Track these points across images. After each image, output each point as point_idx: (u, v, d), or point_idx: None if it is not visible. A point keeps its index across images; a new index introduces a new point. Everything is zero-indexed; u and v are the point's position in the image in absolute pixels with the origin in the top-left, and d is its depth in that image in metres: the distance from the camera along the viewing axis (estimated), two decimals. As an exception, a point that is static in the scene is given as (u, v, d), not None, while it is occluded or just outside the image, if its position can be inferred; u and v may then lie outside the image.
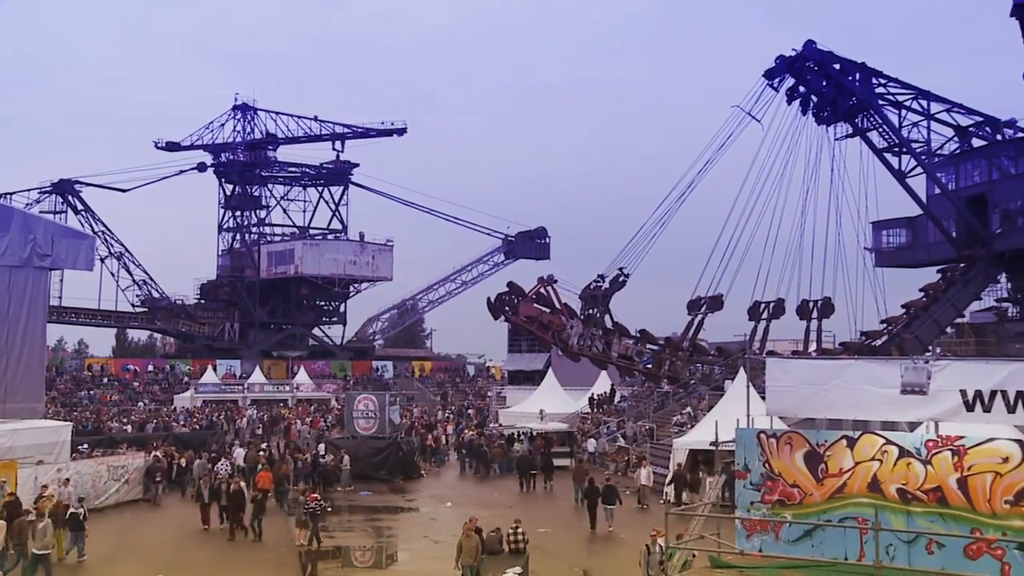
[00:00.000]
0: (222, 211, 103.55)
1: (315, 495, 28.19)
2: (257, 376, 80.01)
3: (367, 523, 31.49)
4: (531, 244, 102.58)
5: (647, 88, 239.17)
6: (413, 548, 28.00)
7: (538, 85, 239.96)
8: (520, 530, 22.89)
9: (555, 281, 56.65)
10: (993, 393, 16.26)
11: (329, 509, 30.68)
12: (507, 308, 55.90)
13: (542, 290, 56.02)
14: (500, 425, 55.15)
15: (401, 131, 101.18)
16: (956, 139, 59.78)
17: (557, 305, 55.88)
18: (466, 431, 53.55)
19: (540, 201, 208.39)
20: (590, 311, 56.68)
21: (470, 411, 70.13)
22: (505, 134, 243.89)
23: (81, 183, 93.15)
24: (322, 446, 43.13)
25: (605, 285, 56.67)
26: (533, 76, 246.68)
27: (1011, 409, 16.11)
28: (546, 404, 52.39)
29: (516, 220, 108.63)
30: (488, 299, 56.63)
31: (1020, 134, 57.61)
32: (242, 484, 30.36)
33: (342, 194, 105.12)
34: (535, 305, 55.62)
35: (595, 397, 58.39)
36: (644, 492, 34.46)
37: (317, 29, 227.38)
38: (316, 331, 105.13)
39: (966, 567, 15.60)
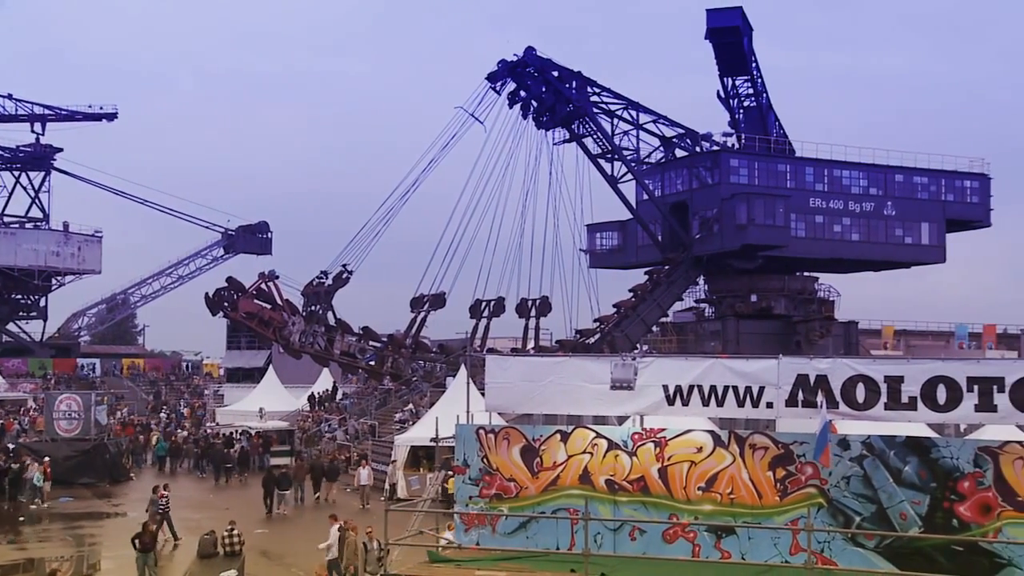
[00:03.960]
0: None
1: (164, 492, 27.56)
2: (-63, 375, 72.94)
3: (67, 531, 29.44)
4: (252, 238, 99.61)
5: (370, 83, 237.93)
6: (119, 556, 26.33)
7: (256, 75, 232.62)
8: (236, 532, 22.18)
9: (277, 277, 55.43)
10: (691, 388, 17.47)
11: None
12: (226, 304, 54.06)
13: (263, 286, 54.62)
14: (217, 424, 53.49)
15: (111, 116, 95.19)
16: (662, 149, 64.01)
17: (279, 301, 54.67)
18: (178, 431, 51.59)
19: (262, 195, 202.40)
20: (312, 308, 55.87)
21: (184, 410, 67.24)
22: (224, 125, 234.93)
23: None
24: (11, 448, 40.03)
25: (328, 281, 56.06)
26: (251, 65, 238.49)
27: (705, 402, 17.40)
28: (266, 402, 51.37)
29: (236, 213, 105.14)
30: (206, 294, 54.58)
31: (716, 147, 62.44)
32: None
33: (43, 180, 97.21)
34: (256, 301, 54.13)
35: (315, 395, 57.71)
36: (365, 492, 34.35)
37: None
38: (11, 326, 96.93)
39: (664, 550, 16.72)
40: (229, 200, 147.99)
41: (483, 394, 19.86)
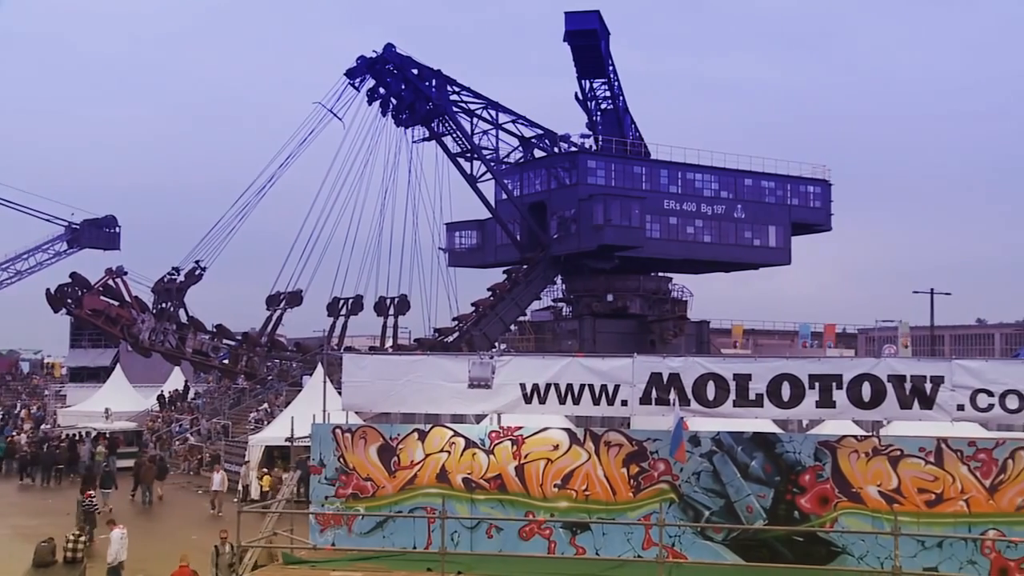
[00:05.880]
0: None
1: (90, 493, 27.18)
2: None
3: None
4: (99, 233, 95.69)
5: (223, 75, 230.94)
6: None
7: (98, 62, 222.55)
8: (82, 538, 21.26)
9: (125, 273, 53.83)
10: (548, 386, 17.71)
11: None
12: (70, 300, 51.98)
13: (110, 282, 52.80)
14: (57, 426, 51.27)
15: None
16: (521, 149, 64.54)
17: (127, 298, 52.96)
18: (14, 432, 49.29)
19: (109, 187, 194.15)
20: (163, 305, 54.21)
21: (22, 412, 63.99)
22: (63, 113, 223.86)
23: None
24: None
25: (180, 278, 54.56)
26: (91, 51, 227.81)
27: (562, 400, 17.66)
28: (113, 402, 49.53)
29: (81, 206, 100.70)
30: (47, 290, 52.39)
31: (574, 148, 63.37)
32: None
33: None
34: (102, 298, 52.24)
35: (165, 395, 55.92)
36: (219, 498, 33.29)
37: None
38: None
39: (520, 547, 16.91)
40: (73, 193, 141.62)
41: (340, 393, 19.64)
